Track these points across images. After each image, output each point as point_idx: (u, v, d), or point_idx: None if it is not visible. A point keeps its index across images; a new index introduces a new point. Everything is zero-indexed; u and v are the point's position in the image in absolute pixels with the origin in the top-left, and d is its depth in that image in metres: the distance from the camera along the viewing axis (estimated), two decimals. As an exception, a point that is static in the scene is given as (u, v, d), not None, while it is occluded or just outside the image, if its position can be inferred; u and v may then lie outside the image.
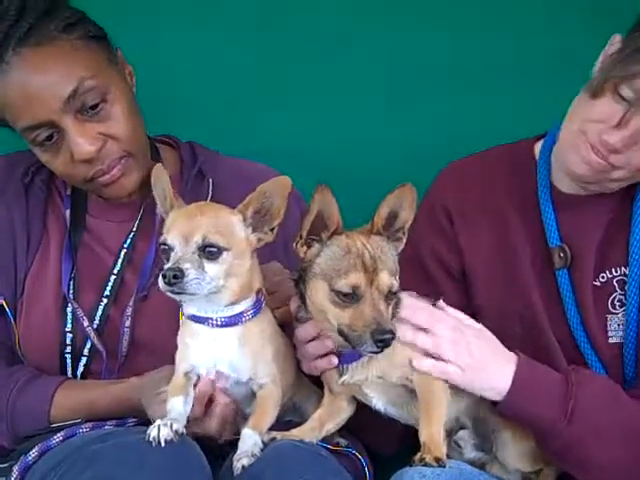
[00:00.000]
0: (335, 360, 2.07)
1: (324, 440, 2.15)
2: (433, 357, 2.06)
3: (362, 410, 2.17)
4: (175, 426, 1.91)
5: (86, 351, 2.33)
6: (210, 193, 2.42)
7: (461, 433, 2.17)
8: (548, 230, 2.28)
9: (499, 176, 2.38)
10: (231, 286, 2.03)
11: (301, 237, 2.03)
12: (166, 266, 1.96)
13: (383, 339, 1.93)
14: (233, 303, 2.06)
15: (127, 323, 2.31)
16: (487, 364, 2.08)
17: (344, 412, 2.17)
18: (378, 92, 2.88)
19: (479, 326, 2.15)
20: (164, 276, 1.94)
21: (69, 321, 2.33)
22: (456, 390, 2.09)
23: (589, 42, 2.21)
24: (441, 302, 2.15)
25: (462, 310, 2.17)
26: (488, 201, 2.36)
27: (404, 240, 2.06)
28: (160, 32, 2.84)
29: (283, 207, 2.03)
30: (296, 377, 2.22)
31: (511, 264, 2.30)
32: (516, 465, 2.18)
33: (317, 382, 2.27)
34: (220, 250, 1.99)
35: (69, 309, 2.33)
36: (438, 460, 1.95)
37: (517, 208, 2.34)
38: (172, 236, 1.99)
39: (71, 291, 2.34)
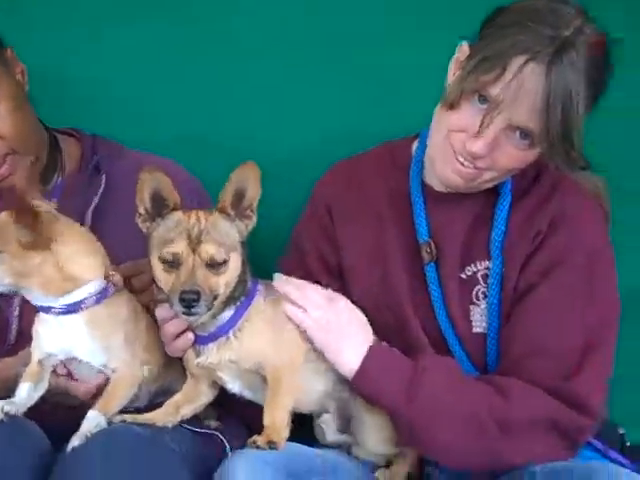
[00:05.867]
0: (191, 335, 2.15)
1: (194, 421, 2.24)
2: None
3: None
4: (6, 408, 2.01)
5: (-29, 339, 2.38)
6: (102, 187, 2.49)
7: (324, 416, 2.26)
8: (418, 226, 2.37)
9: (378, 175, 2.47)
10: (32, 285, 2.09)
11: (140, 214, 2.13)
12: None
13: (184, 298, 2.02)
14: (65, 293, 2.10)
15: (15, 313, 2.38)
16: (346, 337, 2.21)
17: (204, 396, 2.23)
18: (274, 87, 2.90)
19: (351, 305, 2.28)
20: None
21: None
22: (321, 372, 2.22)
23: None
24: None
25: None
26: (366, 200, 2.44)
27: (254, 218, 2.15)
28: (66, 29, 2.85)
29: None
30: (167, 360, 2.25)
31: (384, 260, 2.39)
32: (374, 448, 2.26)
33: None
34: None
35: None
36: (272, 443, 2.06)
37: (392, 206, 2.42)
38: None
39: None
